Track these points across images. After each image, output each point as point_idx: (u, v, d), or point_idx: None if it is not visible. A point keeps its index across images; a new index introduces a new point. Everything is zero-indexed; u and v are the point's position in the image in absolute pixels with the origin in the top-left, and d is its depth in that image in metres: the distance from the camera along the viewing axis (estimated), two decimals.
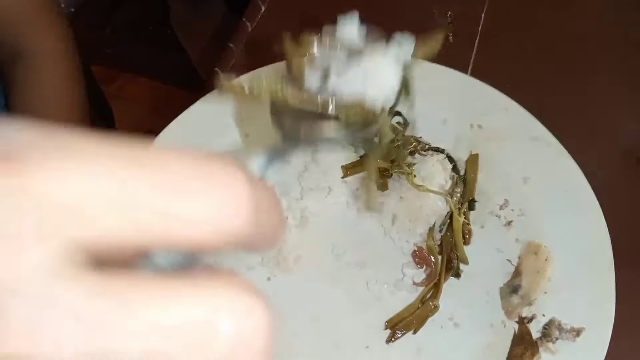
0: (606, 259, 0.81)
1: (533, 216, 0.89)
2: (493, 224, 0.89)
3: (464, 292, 0.84)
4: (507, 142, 0.95)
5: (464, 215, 0.87)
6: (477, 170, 0.92)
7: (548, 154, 0.92)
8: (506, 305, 0.82)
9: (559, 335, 0.77)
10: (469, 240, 0.87)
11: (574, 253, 0.83)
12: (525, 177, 0.92)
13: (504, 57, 1.12)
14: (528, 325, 0.80)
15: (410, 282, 0.84)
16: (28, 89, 1.17)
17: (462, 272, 0.85)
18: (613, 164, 0.99)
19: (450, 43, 1.14)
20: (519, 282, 0.83)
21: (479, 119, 0.98)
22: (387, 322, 0.81)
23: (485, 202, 0.91)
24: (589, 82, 1.09)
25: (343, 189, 0.93)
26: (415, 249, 0.87)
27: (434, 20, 1.17)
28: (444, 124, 0.98)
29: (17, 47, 1.18)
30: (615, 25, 1.18)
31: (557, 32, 1.17)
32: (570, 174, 0.90)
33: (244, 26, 1.17)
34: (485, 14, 1.19)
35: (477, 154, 0.94)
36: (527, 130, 0.95)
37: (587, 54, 1.14)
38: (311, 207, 0.92)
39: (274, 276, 0.85)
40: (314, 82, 0.52)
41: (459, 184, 0.90)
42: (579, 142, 0.96)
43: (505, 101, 0.98)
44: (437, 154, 0.93)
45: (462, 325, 0.81)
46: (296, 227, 0.88)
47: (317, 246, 0.88)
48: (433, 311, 0.81)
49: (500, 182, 0.92)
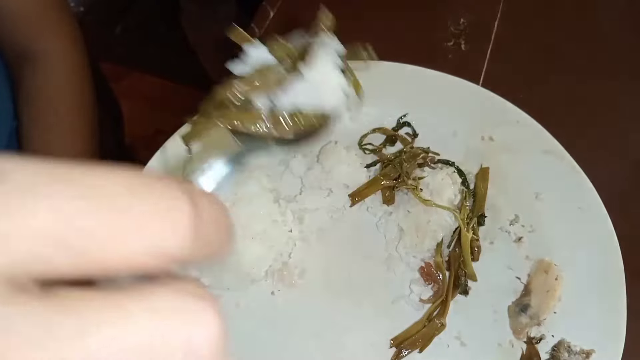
0: (618, 279, 0.79)
1: (544, 233, 0.87)
2: (503, 240, 0.88)
3: (472, 310, 0.82)
4: (519, 156, 0.93)
5: (473, 230, 0.85)
6: (487, 184, 0.90)
7: (560, 168, 0.90)
8: (514, 325, 0.80)
9: (567, 357, 0.75)
10: (478, 256, 0.85)
11: (585, 272, 0.81)
12: (537, 192, 0.90)
13: (516, 66, 1.10)
14: (536, 345, 0.78)
15: (417, 299, 0.83)
16: (36, 90, 1.17)
17: (470, 290, 0.83)
18: (624, 177, 0.97)
19: (463, 51, 1.12)
20: (528, 301, 0.81)
21: (490, 131, 0.96)
22: (392, 340, 0.80)
23: (495, 217, 0.89)
24: (601, 93, 1.07)
25: (343, 193, 0.91)
26: (422, 264, 0.85)
27: (447, 28, 1.16)
28: (454, 136, 0.96)
29: (26, 47, 1.18)
30: (631, 34, 1.16)
31: (571, 42, 1.15)
32: (583, 190, 0.87)
33: (252, 31, 1.16)
34: (499, 22, 1.17)
35: (487, 167, 0.92)
36: (539, 143, 0.93)
37: (601, 64, 1.12)
38: (309, 206, 0.91)
39: (277, 290, 0.84)
40: (262, 103, 0.55)
41: (468, 198, 0.89)
42: (591, 154, 0.94)
43: (516, 113, 0.95)
44: (446, 167, 0.91)
45: (469, 345, 0.80)
46: (301, 241, 0.86)
47: (322, 261, 0.87)
48: (440, 329, 0.80)
49: (510, 197, 0.91)
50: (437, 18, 1.18)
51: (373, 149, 0.97)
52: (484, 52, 1.12)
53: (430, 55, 1.11)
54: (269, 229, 0.82)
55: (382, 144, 0.97)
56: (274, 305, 0.83)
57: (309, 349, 0.80)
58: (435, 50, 1.13)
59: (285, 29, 1.17)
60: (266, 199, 0.85)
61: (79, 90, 1.21)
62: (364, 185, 0.91)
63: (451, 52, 1.12)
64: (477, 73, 1.08)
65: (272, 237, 0.82)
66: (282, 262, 0.84)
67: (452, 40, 1.14)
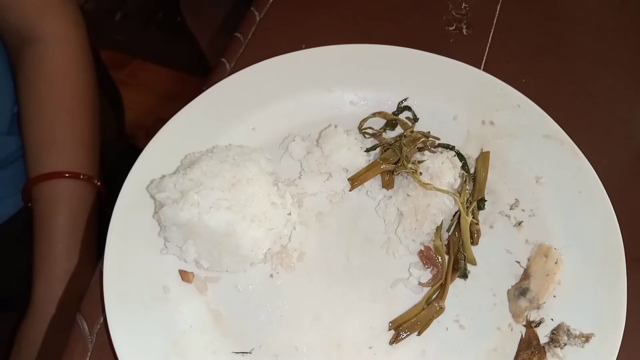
0: (618, 263, 0.79)
1: (544, 217, 0.86)
2: (503, 224, 0.87)
3: (471, 293, 0.82)
4: (519, 140, 0.92)
5: (473, 214, 0.85)
6: (487, 168, 0.90)
7: (561, 153, 0.90)
8: (514, 308, 0.80)
9: (567, 340, 0.75)
10: (477, 240, 0.85)
11: (585, 256, 0.81)
12: (537, 176, 0.89)
13: (518, 51, 1.09)
14: (536, 329, 0.78)
15: (416, 283, 0.82)
16: (37, 72, 1.16)
17: (469, 273, 0.83)
18: (626, 163, 0.97)
19: (464, 36, 1.11)
20: (528, 284, 0.81)
21: (491, 115, 0.95)
22: (391, 323, 0.79)
23: (495, 201, 0.89)
24: (604, 79, 1.06)
25: (343, 178, 0.91)
26: (422, 248, 0.85)
27: (449, 12, 1.14)
28: (455, 120, 0.96)
29: (28, 31, 1.17)
30: (634, 22, 1.15)
31: (575, 27, 1.14)
32: (584, 175, 0.87)
33: (252, 16, 1.15)
34: (501, 6, 1.16)
35: (488, 151, 0.91)
36: (539, 127, 0.92)
37: (605, 50, 1.11)
38: (308, 190, 0.90)
39: (276, 273, 0.84)
40: None
41: (468, 182, 0.88)
42: (593, 140, 0.93)
43: (517, 97, 0.95)
44: (446, 151, 0.90)
45: (468, 328, 0.79)
46: (300, 225, 0.86)
47: (321, 244, 0.86)
48: (438, 312, 0.79)
49: (511, 181, 0.90)
50: (439, 2, 1.17)
51: (373, 133, 0.96)
52: (485, 37, 1.11)
53: (431, 39, 1.10)
54: (268, 211, 0.81)
55: (382, 128, 0.97)
56: (272, 287, 0.83)
57: (308, 331, 0.79)
58: (437, 34, 1.12)
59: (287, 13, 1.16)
60: (265, 181, 0.84)
61: (81, 73, 1.21)
62: (363, 169, 0.90)
63: (453, 36, 1.11)
64: (478, 57, 1.07)
65: (271, 219, 0.81)
66: (281, 245, 0.84)
67: (453, 25, 1.13)
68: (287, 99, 0.98)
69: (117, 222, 0.83)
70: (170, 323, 0.78)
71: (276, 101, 0.98)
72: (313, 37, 1.06)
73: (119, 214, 0.84)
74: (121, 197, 0.85)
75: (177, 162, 0.89)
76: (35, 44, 1.17)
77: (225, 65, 1.07)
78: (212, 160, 0.84)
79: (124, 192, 0.86)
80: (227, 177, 0.81)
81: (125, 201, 0.85)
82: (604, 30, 1.14)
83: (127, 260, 0.81)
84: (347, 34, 1.07)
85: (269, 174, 0.87)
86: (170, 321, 0.78)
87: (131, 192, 0.86)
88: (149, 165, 0.88)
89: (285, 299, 0.82)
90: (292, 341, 0.79)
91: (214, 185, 0.80)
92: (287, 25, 1.14)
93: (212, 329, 0.79)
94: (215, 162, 0.83)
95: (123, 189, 0.86)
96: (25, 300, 1.10)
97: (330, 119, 0.96)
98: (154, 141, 0.90)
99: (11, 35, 1.20)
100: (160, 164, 0.88)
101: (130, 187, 0.86)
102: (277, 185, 0.87)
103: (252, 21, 1.14)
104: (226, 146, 0.90)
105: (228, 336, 0.79)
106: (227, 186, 0.80)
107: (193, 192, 0.79)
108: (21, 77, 1.19)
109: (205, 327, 0.79)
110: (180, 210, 0.78)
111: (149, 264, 0.82)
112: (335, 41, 1.02)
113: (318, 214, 0.89)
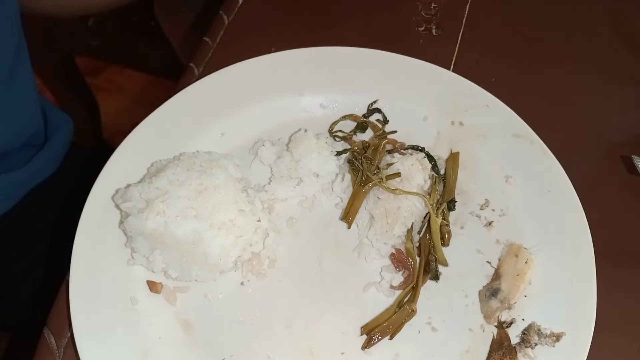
0: (588, 261, 0.79)
1: (514, 216, 0.87)
2: (473, 224, 0.87)
3: (443, 295, 0.82)
4: (489, 140, 0.92)
5: (443, 215, 0.84)
6: (457, 169, 0.90)
7: (530, 152, 0.90)
8: (485, 309, 0.80)
9: (538, 340, 0.75)
10: (448, 241, 0.84)
11: (555, 255, 0.81)
12: (507, 175, 0.89)
13: (488, 51, 1.09)
14: (507, 330, 0.78)
15: (388, 286, 0.82)
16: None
17: (440, 275, 0.82)
18: (597, 162, 0.97)
19: (434, 36, 1.11)
20: (499, 285, 0.80)
21: (461, 115, 0.95)
22: (362, 327, 0.79)
23: (466, 201, 0.89)
24: (575, 78, 1.06)
25: (313, 182, 0.90)
26: (393, 251, 0.84)
27: (418, 13, 1.14)
28: (425, 120, 0.95)
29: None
30: (604, 18, 1.15)
31: (544, 26, 1.14)
32: (553, 173, 0.87)
33: (220, 19, 1.13)
34: (470, 5, 1.16)
35: (457, 152, 0.91)
36: (509, 127, 0.92)
37: (575, 49, 1.11)
38: (279, 195, 0.89)
39: (247, 281, 0.83)
40: None
41: (438, 183, 0.88)
42: (562, 139, 0.93)
43: (486, 97, 0.95)
44: (416, 152, 0.90)
45: (440, 330, 0.79)
46: (271, 231, 0.85)
47: (292, 250, 0.85)
48: (410, 315, 0.79)
49: (481, 181, 0.90)
50: (408, 3, 1.17)
51: (343, 136, 0.95)
52: (455, 37, 1.11)
53: (401, 40, 1.09)
54: (236, 218, 0.80)
55: (353, 131, 0.96)
56: (244, 295, 0.82)
57: (280, 339, 0.78)
58: (407, 35, 1.11)
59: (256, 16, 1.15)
60: (233, 188, 0.83)
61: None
62: (348, 203, 0.87)
63: (422, 37, 1.11)
64: (448, 58, 1.07)
65: (240, 227, 0.80)
66: (252, 252, 0.83)
67: (423, 25, 1.13)
68: (257, 103, 0.97)
69: (83, 233, 0.82)
70: (139, 335, 0.77)
71: (245, 105, 0.97)
72: (282, 40, 1.05)
73: (85, 224, 0.82)
74: (87, 207, 0.83)
75: (143, 171, 0.87)
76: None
77: (194, 70, 1.06)
78: (178, 167, 0.82)
79: (89, 203, 0.84)
80: (194, 184, 0.80)
81: (90, 211, 0.83)
82: (573, 28, 1.14)
83: (94, 272, 0.80)
84: (317, 36, 1.06)
85: (238, 180, 0.86)
86: (140, 333, 0.77)
87: (97, 202, 0.84)
88: (114, 174, 0.87)
89: (257, 307, 0.81)
90: (264, 350, 0.78)
91: (180, 193, 0.79)
92: (256, 28, 1.13)
93: (182, 339, 0.78)
94: (182, 169, 0.82)
95: (88, 199, 0.84)
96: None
97: (300, 123, 0.96)
98: (120, 149, 0.89)
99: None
100: (126, 173, 0.87)
101: (95, 197, 0.85)
102: (246, 191, 0.86)
103: (221, 25, 1.13)
104: (193, 153, 0.89)
105: (199, 347, 0.78)
106: (193, 194, 0.79)
107: (159, 201, 0.77)
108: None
109: (176, 338, 0.78)
110: (146, 220, 0.76)
111: (116, 275, 0.80)
112: (305, 44, 1.01)
113: (289, 219, 0.88)
